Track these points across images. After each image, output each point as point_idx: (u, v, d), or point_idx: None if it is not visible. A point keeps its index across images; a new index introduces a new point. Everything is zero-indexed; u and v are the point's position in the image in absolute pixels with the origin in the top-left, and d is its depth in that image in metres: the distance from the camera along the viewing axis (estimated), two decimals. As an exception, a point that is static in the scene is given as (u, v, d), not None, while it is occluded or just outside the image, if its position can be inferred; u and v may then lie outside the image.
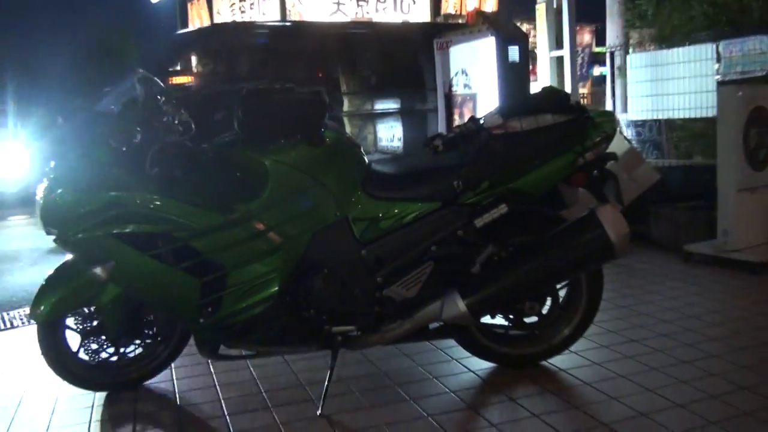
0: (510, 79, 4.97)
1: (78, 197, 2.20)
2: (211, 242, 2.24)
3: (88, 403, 2.54)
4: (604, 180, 2.42)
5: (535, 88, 5.32)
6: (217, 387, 2.63)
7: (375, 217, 2.36)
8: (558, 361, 2.63)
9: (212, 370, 2.79)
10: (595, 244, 2.26)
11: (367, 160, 2.46)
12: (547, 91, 2.43)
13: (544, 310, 2.54)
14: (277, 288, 2.29)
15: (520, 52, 4.97)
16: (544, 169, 2.32)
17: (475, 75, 5.37)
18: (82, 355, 2.55)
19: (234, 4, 24.97)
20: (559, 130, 2.30)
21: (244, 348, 2.47)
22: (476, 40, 5.28)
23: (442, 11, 10.12)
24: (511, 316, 2.51)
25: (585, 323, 2.60)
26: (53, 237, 2.28)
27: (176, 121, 2.31)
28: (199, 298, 2.27)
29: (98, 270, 2.27)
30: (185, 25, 19.00)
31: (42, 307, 2.38)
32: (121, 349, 2.59)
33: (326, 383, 2.38)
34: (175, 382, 2.71)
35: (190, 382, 2.70)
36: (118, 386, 2.64)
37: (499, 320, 2.57)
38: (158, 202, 2.21)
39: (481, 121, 2.39)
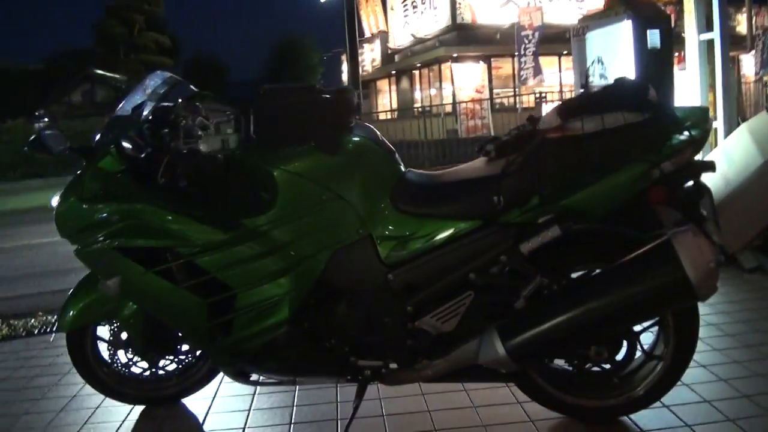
0: (650, 67, 4.26)
1: (85, 208, 2.04)
2: (216, 260, 2.00)
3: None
4: (699, 195, 1.83)
5: (681, 77, 4.55)
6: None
7: (403, 235, 1.99)
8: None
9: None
10: (667, 282, 1.73)
11: (401, 169, 2.08)
12: (620, 83, 1.88)
13: (620, 356, 2.01)
14: (287, 314, 2.00)
15: (661, 36, 4.25)
16: (606, 182, 1.83)
17: (611, 64, 4.70)
18: (114, 367, 2.43)
19: (405, 1, 25.25)
20: (631, 133, 1.78)
21: (265, 375, 2.19)
22: (612, 24, 4.60)
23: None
24: (574, 362, 2.00)
25: (675, 371, 2.05)
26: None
27: (195, 125, 2.09)
28: (206, 320, 2.02)
29: (109, 284, 2.10)
30: (352, 23, 19.46)
31: (66, 318, 2.31)
32: (153, 364, 2.43)
33: (348, 421, 2.05)
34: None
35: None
36: (154, 401, 2.53)
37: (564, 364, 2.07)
38: (161, 215, 2.00)
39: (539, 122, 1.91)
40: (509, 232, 1.90)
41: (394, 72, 26.72)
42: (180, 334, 2.39)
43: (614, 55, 4.65)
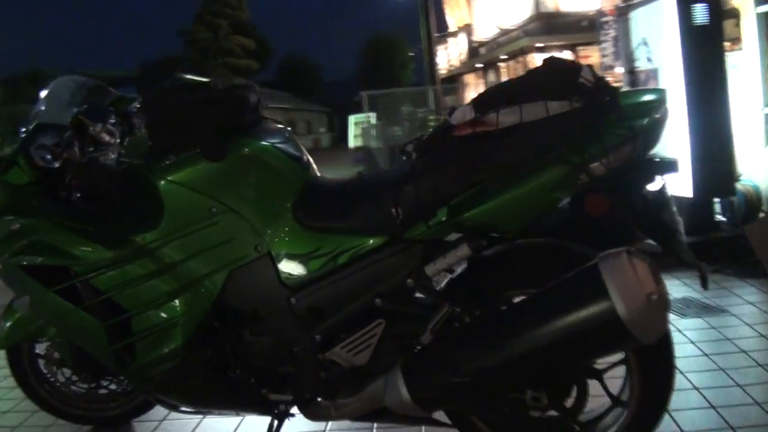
0: (696, 47, 3.72)
1: None
2: (107, 279, 1.80)
3: None
4: (659, 204, 1.45)
5: (733, 59, 3.96)
6: None
7: (305, 253, 1.72)
8: None
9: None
10: (592, 317, 1.35)
11: (309, 176, 1.81)
12: (548, 64, 1.50)
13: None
14: (181, 340, 1.77)
15: (709, 10, 3.68)
16: (517, 190, 1.47)
17: (657, 46, 4.16)
18: (55, 385, 2.31)
19: (491, -8, 24.53)
20: (550, 127, 1.41)
21: (176, 404, 1.97)
22: (657, 0, 4.07)
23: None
24: (509, 408, 1.66)
25: (643, 421, 1.65)
26: None
27: (100, 133, 1.90)
28: (106, 344, 1.83)
29: (21, 302, 1.97)
30: (428, 20, 19.05)
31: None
32: (91, 383, 2.28)
33: None
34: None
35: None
36: (97, 421, 2.39)
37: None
38: (55, 232, 1.82)
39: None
40: (414, 250, 1.59)
41: (480, 65, 26.14)
42: None
43: (660, 35, 4.11)
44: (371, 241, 1.64)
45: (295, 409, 1.86)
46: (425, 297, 1.61)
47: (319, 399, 1.79)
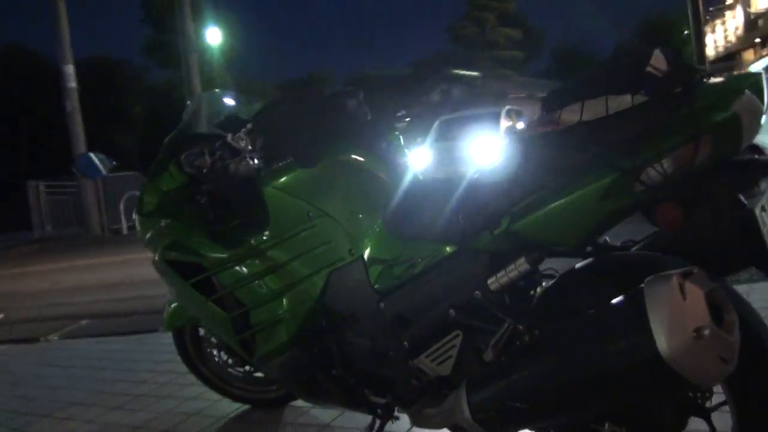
0: None
1: (144, 222, 2.21)
2: (227, 276, 1.98)
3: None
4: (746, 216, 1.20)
5: None
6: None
7: (391, 259, 1.72)
8: None
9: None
10: (632, 354, 1.13)
11: (405, 183, 1.79)
12: (618, 52, 1.29)
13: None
14: (286, 337, 1.88)
15: None
16: (563, 198, 1.29)
17: None
18: (215, 365, 2.59)
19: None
20: (605, 127, 1.22)
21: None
22: None
23: None
24: None
25: None
26: None
27: (235, 141, 2.10)
28: (233, 334, 2.03)
29: (170, 292, 2.25)
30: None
31: (164, 318, 2.50)
32: (243, 367, 2.53)
33: None
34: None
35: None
36: (255, 402, 2.61)
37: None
38: (188, 232, 2.06)
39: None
40: (480, 261, 1.49)
41: (758, 40, 23.06)
42: None
43: None
44: (444, 250, 1.58)
45: (398, 413, 1.88)
46: (488, 312, 1.50)
47: (414, 405, 1.78)
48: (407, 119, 2.10)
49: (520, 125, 12.07)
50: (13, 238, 15.56)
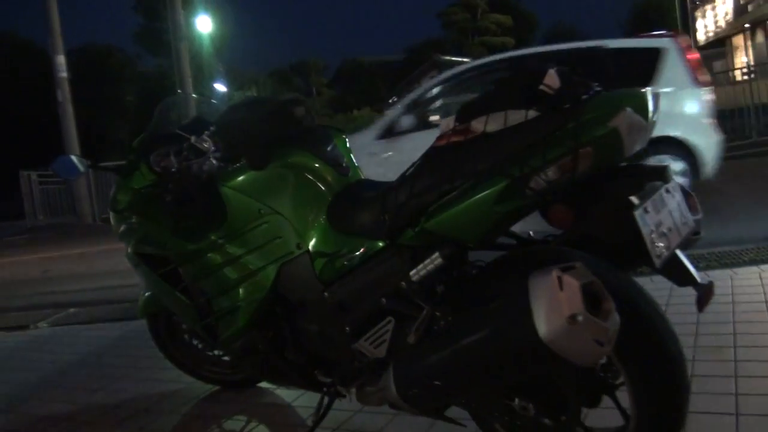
0: None
1: (117, 218, 2.40)
2: (191, 268, 2.18)
3: None
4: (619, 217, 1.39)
5: None
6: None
7: (333, 252, 1.92)
8: None
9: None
10: (518, 338, 1.33)
11: (348, 181, 1.99)
12: (520, 70, 1.49)
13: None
14: (243, 322, 2.08)
15: None
16: (464, 202, 1.49)
17: None
18: (186, 349, 2.79)
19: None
20: (502, 138, 1.42)
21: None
22: None
23: None
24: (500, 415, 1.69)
25: None
26: None
27: (198, 143, 2.28)
28: (198, 321, 2.22)
29: (140, 282, 2.44)
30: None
31: (138, 306, 2.70)
32: (210, 351, 2.73)
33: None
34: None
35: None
36: (225, 384, 2.81)
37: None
38: (156, 228, 2.25)
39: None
40: (404, 255, 1.69)
41: (747, 25, 23.21)
42: None
43: None
44: (377, 245, 1.77)
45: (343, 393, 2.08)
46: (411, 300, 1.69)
47: (356, 384, 1.97)
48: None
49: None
50: (5, 227, 15.74)
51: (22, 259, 9.65)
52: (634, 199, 1.44)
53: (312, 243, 1.96)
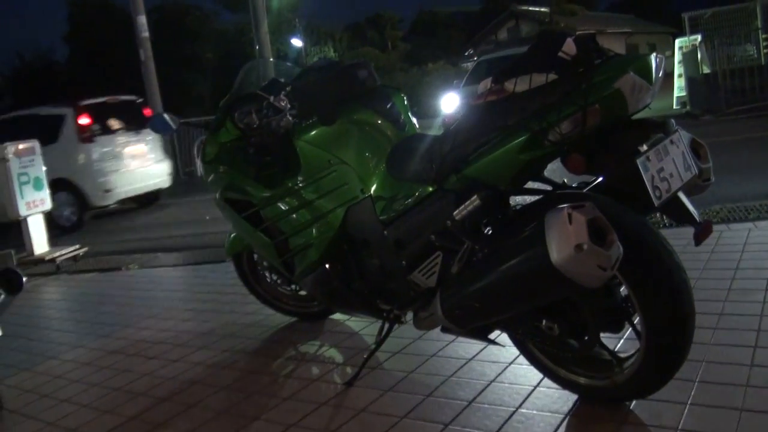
0: None
1: (206, 168, 2.80)
2: (271, 211, 2.55)
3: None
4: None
5: None
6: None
7: (391, 196, 2.25)
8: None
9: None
10: (534, 264, 1.62)
11: (403, 134, 2.31)
12: (541, 37, 1.75)
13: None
14: (315, 256, 2.44)
15: None
16: (494, 152, 1.79)
17: None
18: (267, 284, 3.19)
19: None
20: (527, 97, 1.69)
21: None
22: None
23: None
24: (534, 334, 1.99)
25: (652, 360, 1.79)
26: None
27: (276, 103, 2.62)
28: (276, 257, 2.61)
29: (230, 225, 2.85)
30: None
31: (225, 246, 3.12)
32: (290, 286, 3.12)
33: (366, 356, 2.43)
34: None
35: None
36: (302, 316, 3.20)
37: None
38: (240, 176, 2.62)
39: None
40: (449, 198, 1.98)
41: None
42: None
43: None
44: (426, 189, 2.09)
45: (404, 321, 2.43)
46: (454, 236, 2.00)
47: (411, 310, 2.31)
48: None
49: None
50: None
51: (114, 209, 10.41)
52: (640, 149, 1.70)
53: (373, 188, 2.30)
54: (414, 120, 2.45)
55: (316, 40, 35.79)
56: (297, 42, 32.48)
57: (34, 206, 5.97)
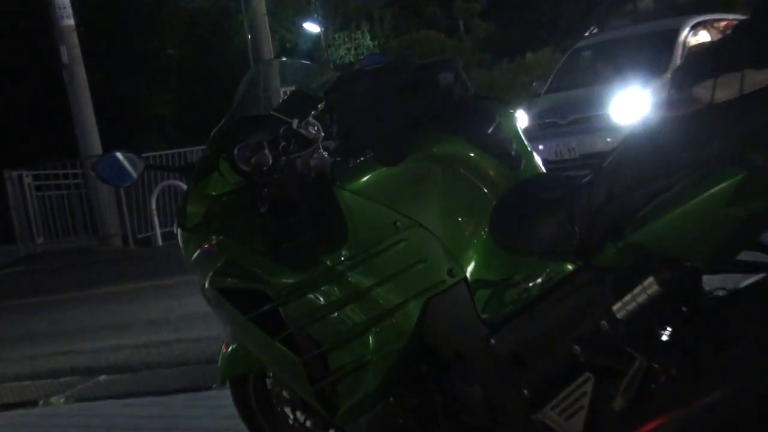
0: None
1: (188, 239, 2.83)
2: (298, 307, 2.53)
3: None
4: None
5: None
6: None
7: (500, 280, 2.23)
8: None
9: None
10: None
11: (519, 176, 2.30)
12: (744, 23, 1.74)
13: None
14: (372, 385, 2.41)
15: None
16: (683, 204, 1.74)
17: None
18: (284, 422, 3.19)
19: None
20: (739, 111, 1.67)
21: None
22: None
23: None
24: None
25: None
26: None
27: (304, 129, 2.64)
28: (308, 384, 2.60)
29: (225, 328, 2.87)
30: None
31: (219, 367, 3.14)
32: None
33: None
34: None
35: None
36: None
37: None
38: (243, 251, 2.64)
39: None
40: (604, 283, 1.95)
41: None
42: None
43: None
44: (563, 267, 2.07)
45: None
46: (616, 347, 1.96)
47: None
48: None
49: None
50: (-12, 257, 16.97)
51: (17, 304, 10.51)
52: None
53: (470, 268, 2.28)
54: (534, 153, 2.43)
55: (342, 21, 36.40)
56: (312, 27, 33.05)
57: None
